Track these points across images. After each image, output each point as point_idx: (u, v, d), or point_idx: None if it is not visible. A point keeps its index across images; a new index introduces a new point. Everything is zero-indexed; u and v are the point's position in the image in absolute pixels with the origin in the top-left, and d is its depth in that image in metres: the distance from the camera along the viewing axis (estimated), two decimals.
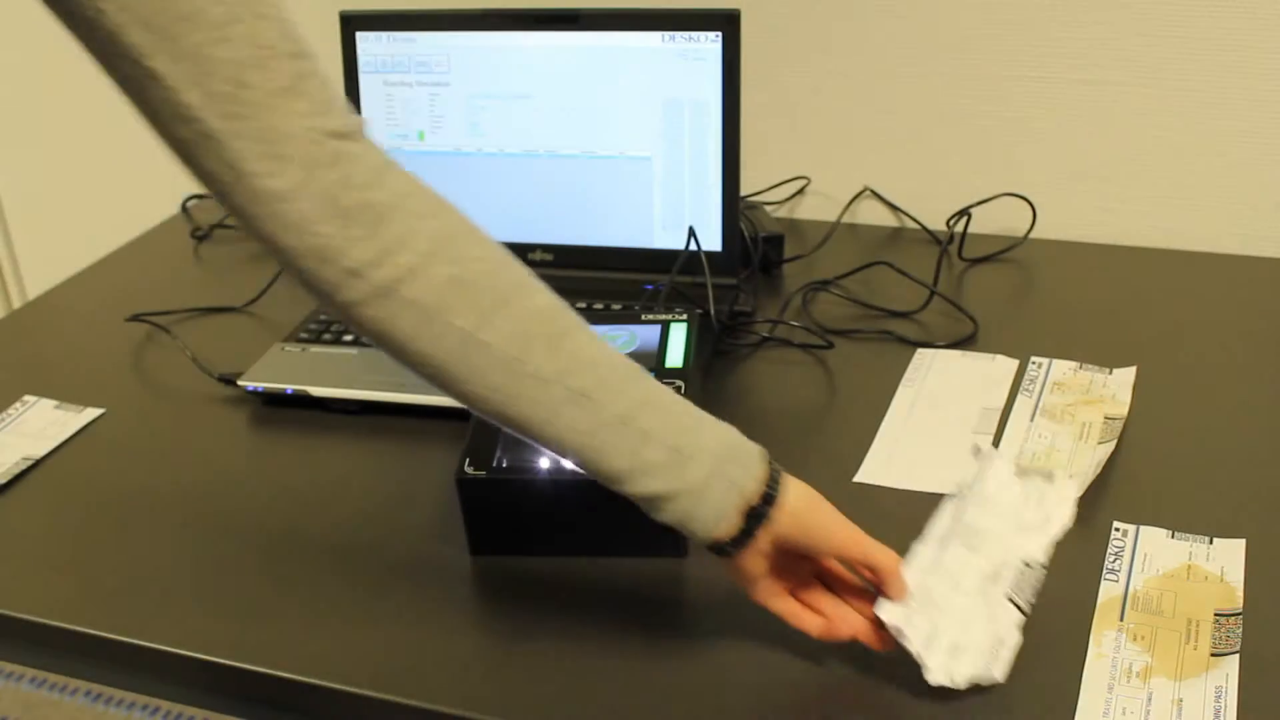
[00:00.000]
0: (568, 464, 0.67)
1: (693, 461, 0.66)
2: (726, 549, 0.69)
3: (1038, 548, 0.72)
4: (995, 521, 0.73)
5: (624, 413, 0.65)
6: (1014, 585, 0.71)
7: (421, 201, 0.64)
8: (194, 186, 0.64)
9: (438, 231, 0.63)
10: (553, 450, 0.67)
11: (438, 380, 0.66)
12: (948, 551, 0.72)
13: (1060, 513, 0.74)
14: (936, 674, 0.68)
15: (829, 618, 0.71)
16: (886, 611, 0.69)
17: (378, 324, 0.63)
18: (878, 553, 0.69)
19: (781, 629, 0.73)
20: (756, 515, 0.67)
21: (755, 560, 0.69)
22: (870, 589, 0.72)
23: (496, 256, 0.65)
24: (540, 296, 0.66)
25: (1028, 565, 0.72)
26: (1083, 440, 0.91)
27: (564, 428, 0.65)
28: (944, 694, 0.69)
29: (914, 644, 0.68)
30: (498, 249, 0.66)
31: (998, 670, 0.69)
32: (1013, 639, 0.70)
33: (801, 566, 0.72)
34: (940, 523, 0.74)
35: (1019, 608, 0.71)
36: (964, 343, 1.06)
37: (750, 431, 0.70)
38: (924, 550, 0.72)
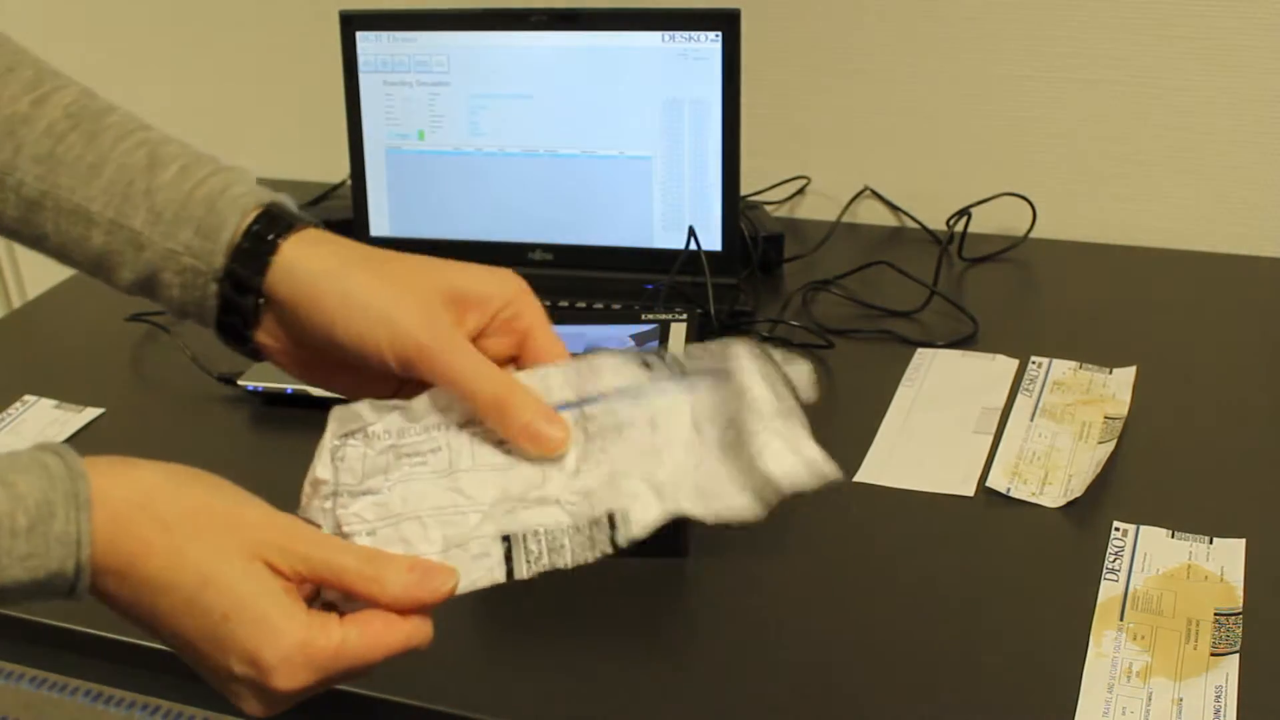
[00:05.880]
0: None
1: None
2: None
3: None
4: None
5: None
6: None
7: None
8: None
9: None
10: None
11: None
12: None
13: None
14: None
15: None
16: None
17: None
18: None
19: (782, 628, 0.73)
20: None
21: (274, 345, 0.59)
22: None
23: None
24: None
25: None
26: (1083, 440, 0.91)
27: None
28: (945, 695, 0.69)
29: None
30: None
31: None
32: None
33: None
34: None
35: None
36: (964, 342, 1.05)
37: None
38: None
